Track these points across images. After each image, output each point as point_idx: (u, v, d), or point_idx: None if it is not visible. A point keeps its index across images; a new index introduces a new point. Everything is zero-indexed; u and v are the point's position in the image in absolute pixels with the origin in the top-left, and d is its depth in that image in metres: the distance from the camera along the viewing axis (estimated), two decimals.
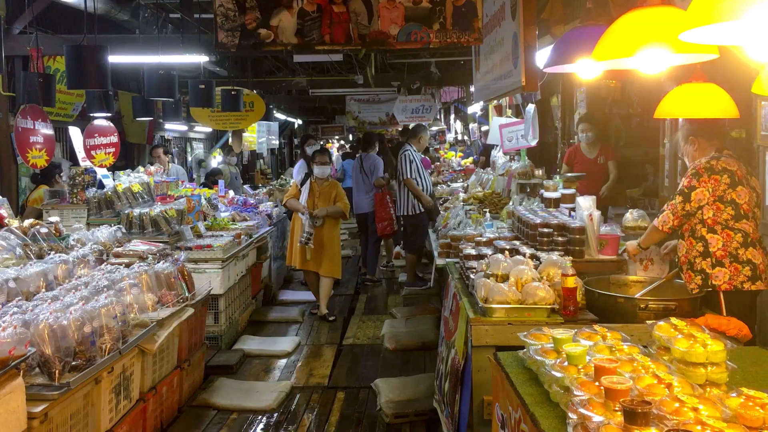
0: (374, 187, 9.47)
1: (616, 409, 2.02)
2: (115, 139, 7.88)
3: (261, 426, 4.88)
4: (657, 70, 2.67)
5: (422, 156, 9.60)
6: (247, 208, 8.87)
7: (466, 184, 9.87)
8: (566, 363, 2.45)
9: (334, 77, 12.95)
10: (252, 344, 6.65)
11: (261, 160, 19.15)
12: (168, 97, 7.37)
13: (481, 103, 10.34)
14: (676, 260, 3.88)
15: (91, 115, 7.97)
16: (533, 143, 7.23)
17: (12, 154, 7.69)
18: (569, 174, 6.22)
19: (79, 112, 9.03)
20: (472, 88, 10.78)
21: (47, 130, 7.13)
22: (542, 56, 4.02)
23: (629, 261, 4.14)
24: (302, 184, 7.71)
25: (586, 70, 3.15)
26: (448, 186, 10.35)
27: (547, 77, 7.39)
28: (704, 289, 3.70)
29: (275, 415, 5.06)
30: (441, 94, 14.65)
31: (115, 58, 7.23)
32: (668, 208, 3.78)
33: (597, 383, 2.21)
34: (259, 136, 16.39)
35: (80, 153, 7.50)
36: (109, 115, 8.00)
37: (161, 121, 11.91)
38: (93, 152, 7.57)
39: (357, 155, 10.26)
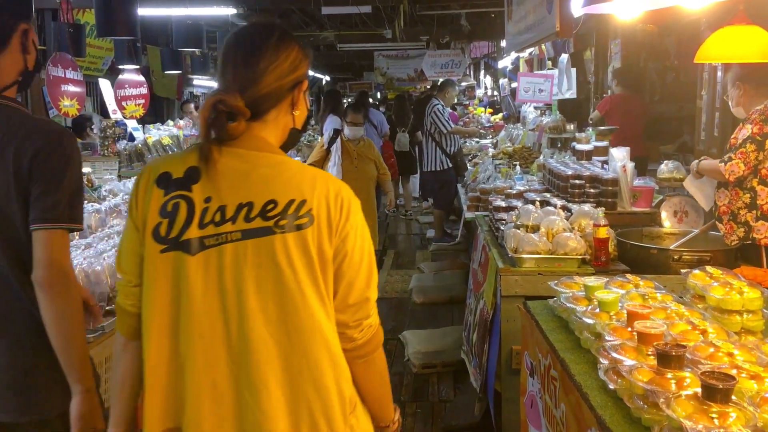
0: (381, 138, 10.50)
1: (649, 353, 2.00)
2: (144, 90, 7.90)
3: None
4: (699, 4, 2.56)
5: (449, 111, 9.54)
6: None
7: (495, 140, 9.78)
8: (598, 310, 2.43)
9: (362, 31, 12.78)
10: None
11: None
12: (196, 48, 7.36)
13: (512, 57, 10.16)
14: (714, 210, 3.77)
15: (120, 67, 7.99)
16: (567, 95, 7.09)
17: (44, 107, 7.76)
18: (602, 127, 6.10)
19: (108, 66, 9.07)
20: (502, 43, 10.59)
21: (78, 79, 7.17)
22: (577, 3, 3.91)
23: (665, 212, 4.06)
24: (330, 144, 6.49)
25: (625, 9, 3.05)
26: (477, 142, 10.27)
27: (580, 30, 7.22)
28: (744, 241, 3.60)
29: None
30: (470, 49, 14.41)
31: (143, 11, 7.21)
32: (738, 157, 3.46)
33: (629, 329, 2.18)
34: None
35: (111, 105, 7.54)
36: (137, 67, 8.01)
37: (190, 76, 11.92)
38: (123, 103, 7.60)
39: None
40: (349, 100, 16.43)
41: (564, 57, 6.92)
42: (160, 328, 1.58)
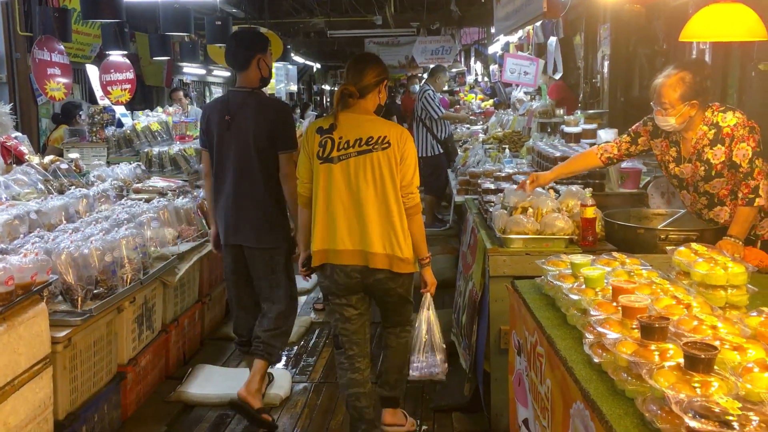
0: None
1: (634, 327, 2.01)
2: (131, 75, 7.83)
3: (282, 357, 4.96)
4: None
5: (440, 96, 9.53)
6: None
7: (485, 126, 9.77)
8: (584, 286, 2.44)
9: (352, 17, 12.73)
10: None
11: None
12: (184, 32, 7.30)
13: (502, 42, 10.15)
14: (714, 198, 3.65)
15: (107, 52, 7.93)
16: (557, 77, 7.09)
17: (32, 94, 7.69)
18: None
19: (96, 53, 9.00)
20: (492, 29, 10.56)
21: (64, 62, 7.08)
22: None
23: (652, 193, 4.07)
24: None
25: None
26: (468, 128, 10.26)
27: (570, 15, 7.21)
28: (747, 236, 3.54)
29: (295, 348, 5.14)
30: (461, 35, 14.37)
31: None
32: (760, 177, 3.24)
33: (614, 303, 2.20)
34: (277, 81, 16.28)
35: (98, 91, 7.48)
36: (125, 52, 7.94)
37: (179, 64, 11.84)
38: (109, 88, 7.53)
39: None
40: None
41: (552, 40, 6.92)
42: (322, 199, 3.32)
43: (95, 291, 3.50)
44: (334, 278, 3.37)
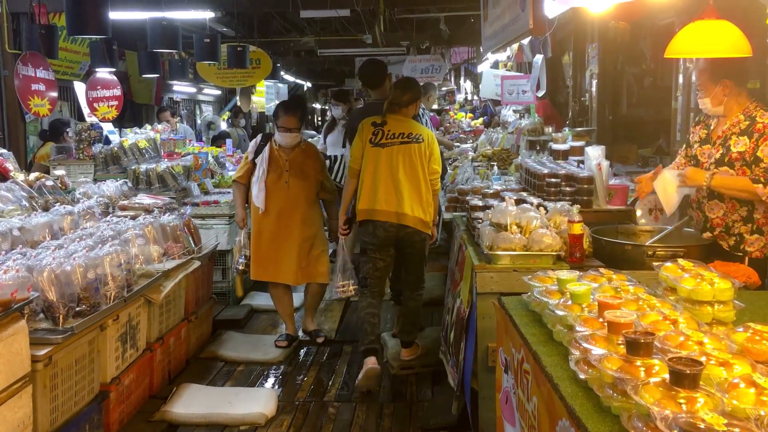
0: None
1: (620, 342, 1.99)
2: (118, 92, 7.80)
3: (269, 377, 4.91)
4: None
5: (431, 114, 9.54)
6: None
7: (475, 145, 9.78)
8: (570, 302, 2.41)
9: (342, 36, 12.78)
10: (260, 300, 6.66)
11: (270, 123, 19.07)
12: (172, 49, 7.29)
13: (491, 61, 10.19)
14: (704, 221, 3.64)
15: (96, 70, 7.91)
16: (540, 95, 7.12)
17: (19, 111, 7.65)
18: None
19: (85, 71, 8.98)
20: (482, 48, 10.61)
21: (49, 79, 7.03)
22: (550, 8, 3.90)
23: (640, 209, 4.06)
24: (256, 153, 5.26)
25: (596, 2, 3.06)
26: (458, 146, 10.26)
27: (559, 35, 7.25)
28: (734, 252, 3.52)
29: (282, 367, 5.08)
30: (451, 54, 14.45)
31: (118, 14, 7.16)
32: None
33: (600, 319, 2.17)
34: (267, 98, 16.29)
35: (85, 108, 7.45)
36: (113, 69, 7.92)
37: (169, 82, 11.83)
38: (96, 104, 7.50)
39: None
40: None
41: (539, 57, 6.95)
42: (369, 172, 4.62)
43: (77, 308, 3.45)
44: (375, 233, 4.57)
